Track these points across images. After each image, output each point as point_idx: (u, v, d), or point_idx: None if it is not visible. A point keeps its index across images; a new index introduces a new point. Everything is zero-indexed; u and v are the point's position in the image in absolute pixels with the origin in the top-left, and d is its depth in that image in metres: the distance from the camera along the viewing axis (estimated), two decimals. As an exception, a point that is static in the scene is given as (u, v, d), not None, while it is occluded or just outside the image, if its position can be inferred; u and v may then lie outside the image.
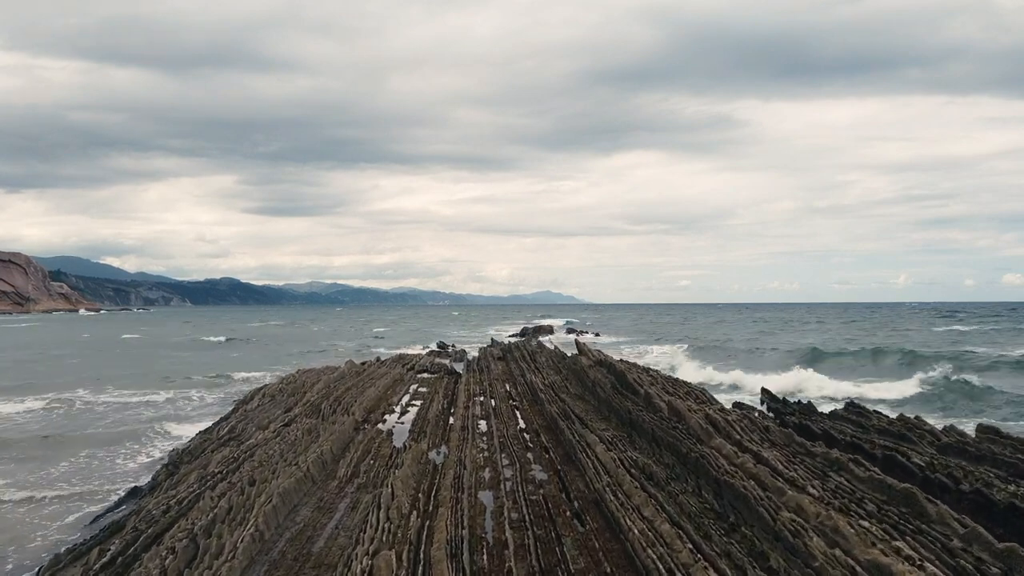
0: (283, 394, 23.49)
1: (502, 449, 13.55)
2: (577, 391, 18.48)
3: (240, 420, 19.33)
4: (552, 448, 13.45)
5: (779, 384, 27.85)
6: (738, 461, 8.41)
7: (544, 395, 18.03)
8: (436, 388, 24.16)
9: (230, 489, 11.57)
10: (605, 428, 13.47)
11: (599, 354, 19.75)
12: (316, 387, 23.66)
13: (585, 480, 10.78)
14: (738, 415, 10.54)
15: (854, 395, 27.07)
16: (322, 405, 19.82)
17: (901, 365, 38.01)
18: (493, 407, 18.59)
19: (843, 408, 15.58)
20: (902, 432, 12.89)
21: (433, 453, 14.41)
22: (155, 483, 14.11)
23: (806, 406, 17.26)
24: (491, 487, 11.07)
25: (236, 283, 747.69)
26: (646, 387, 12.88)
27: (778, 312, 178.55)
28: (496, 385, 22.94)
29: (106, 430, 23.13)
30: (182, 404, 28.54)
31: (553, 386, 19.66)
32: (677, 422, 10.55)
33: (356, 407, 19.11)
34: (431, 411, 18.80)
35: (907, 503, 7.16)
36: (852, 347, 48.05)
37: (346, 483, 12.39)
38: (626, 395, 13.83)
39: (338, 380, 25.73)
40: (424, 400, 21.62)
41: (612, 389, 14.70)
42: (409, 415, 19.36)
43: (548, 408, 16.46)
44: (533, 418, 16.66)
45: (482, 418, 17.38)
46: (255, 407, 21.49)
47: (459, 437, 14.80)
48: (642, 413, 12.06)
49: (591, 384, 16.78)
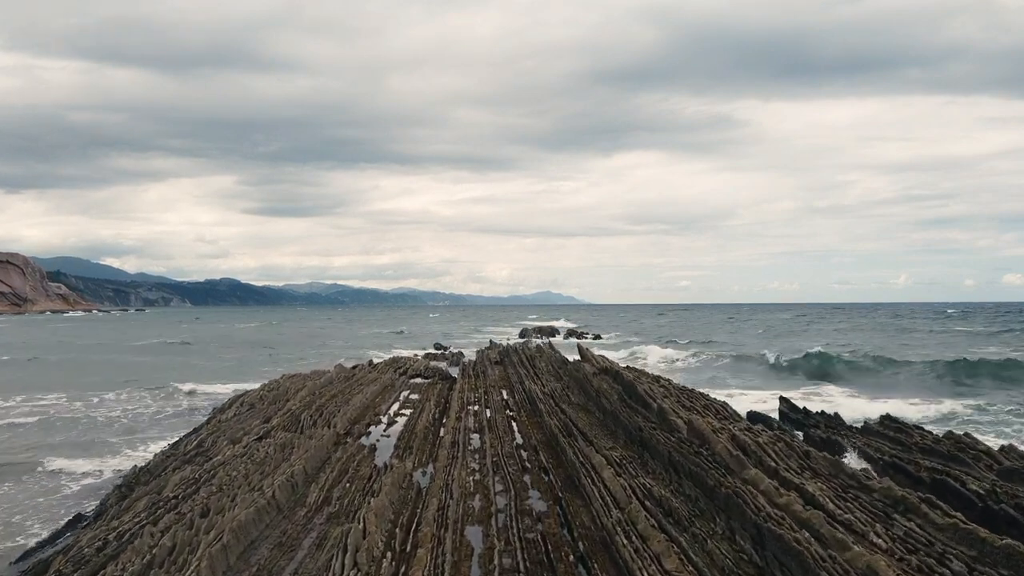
0: (263, 402, 21.88)
1: (495, 470, 11.95)
2: (580, 401, 16.89)
3: (212, 432, 17.73)
4: (552, 470, 11.86)
5: (795, 392, 26.14)
6: (781, 501, 6.83)
7: (543, 405, 16.44)
8: (428, 395, 22.58)
9: (178, 521, 9.98)
10: (612, 447, 11.87)
11: (603, 360, 18.17)
12: (300, 394, 22.06)
13: (591, 512, 9.18)
14: (770, 436, 8.98)
15: (882, 410, 24.73)
16: (302, 415, 18.24)
17: (935, 376, 33.76)
18: (487, 418, 17.00)
19: (877, 422, 13.97)
20: (952, 452, 11.28)
21: (419, 473, 12.83)
22: (102, 509, 12.52)
23: (832, 418, 15.64)
24: (481, 520, 9.47)
25: (236, 284, 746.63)
26: (659, 400, 11.30)
27: (779, 312, 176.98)
28: (492, 392, 21.35)
29: (56, 441, 21.22)
30: (148, 414, 26.59)
31: (553, 395, 18.07)
32: (700, 446, 8.97)
33: (339, 418, 17.52)
34: (420, 422, 17.21)
35: (1010, 563, 5.57)
36: (875, 351, 44.81)
37: (316, 511, 10.80)
38: (636, 408, 12.25)
39: (325, 386, 24.15)
40: (414, 409, 20.03)
41: (619, 401, 13.12)
42: (397, 426, 17.77)
43: (548, 421, 14.87)
44: (531, 432, 15.07)
45: (475, 431, 15.79)
46: (231, 417, 19.89)
47: (448, 455, 13.21)
48: (656, 432, 10.47)
49: (595, 394, 15.19)
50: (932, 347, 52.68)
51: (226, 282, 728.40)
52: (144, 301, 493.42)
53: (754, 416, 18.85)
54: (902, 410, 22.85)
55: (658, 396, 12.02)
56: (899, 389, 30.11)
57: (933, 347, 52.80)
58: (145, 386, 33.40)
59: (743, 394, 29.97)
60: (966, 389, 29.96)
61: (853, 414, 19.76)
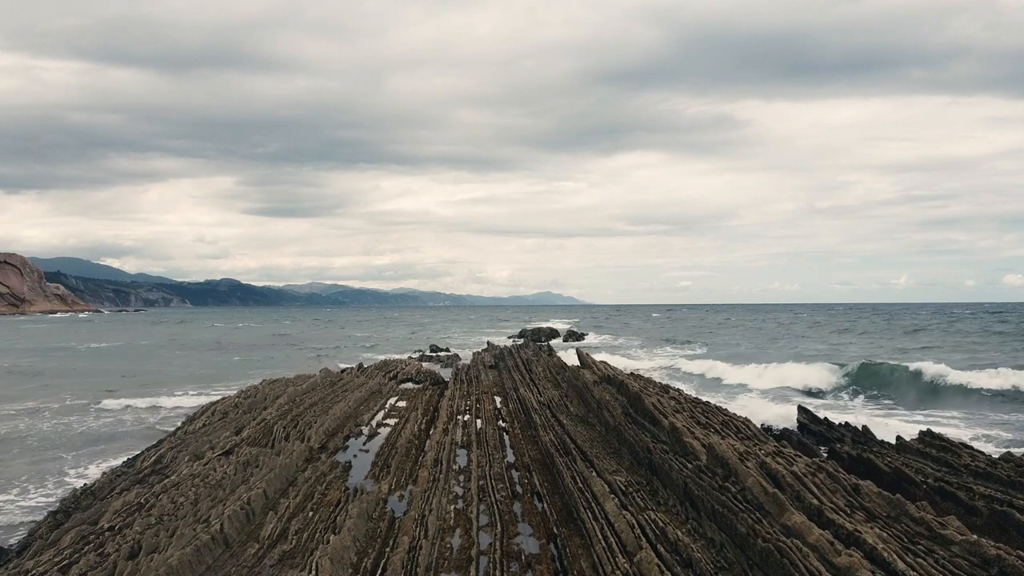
0: (238, 410, 20.30)
1: (481, 497, 10.35)
2: (579, 412, 15.29)
3: (174, 446, 16.14)
4: (547, 496, 10.26)
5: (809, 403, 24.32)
6: (842, 563, 5.24)
7: (539, 417, 14.85)
8: (416, 403, 20.98)
9: (99, 565, 8.38)
10: (616, 470, 10.26)
11: (605, 368, 16.56)
12: (278, 402, 20.49)
13: (591, 558, 7.58)
14: (808, 465, 7.37)
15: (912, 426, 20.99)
16: (275, 426, 16.66)
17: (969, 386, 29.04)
18: (477, 431, 15.41)
19: (917, 439, 12.34)
20: (1012, 478, 9.66)
21: (395, 498, 11.24)
22: (28, 542, 10.91)
23: (862, 432, 14.01)
24: (459, 566, 7.87)
25: (236, 284, 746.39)
26: (670, 416, 9.72)
27: (782, 313, 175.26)
28: (484, 400, 19.75)
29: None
30: (112, 423, 24.57)
31: (550, 404, 16.47)
32: (725, 477, 7.38)
33: (315, 430, 15.93)
34: (403, 435, 15.60)
35: None
36: (904, 357, 41.37)
37: (269, 549, 9.20)
38: (643, 425, 10.66)
39: (306, 393, 22.56)
40: (400, 419, 18.44)
41: (624, 415, 11.53)
42: (379, 439, 16.18)
43: (543, 435, 13.27)
44: (525, 448, 13.47)
45: (463, 446, 14.20)
46: (199, 428, 18.30)
47: (430, 476, 11.61)
48: (668, 456, 8.87)
49: (596, 405, 13.59)
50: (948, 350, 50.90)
51: (226, 283, 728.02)
52: (144, 302, 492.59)
53: (771, 429, 17.25)
54: (934, 425, 20.48)
55: (669, 411, 10.42)
56: (935, 401, 26.71)
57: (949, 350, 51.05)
58: (80, 396, 30.95)
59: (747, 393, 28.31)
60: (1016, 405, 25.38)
61: (880, 430, 18.04)
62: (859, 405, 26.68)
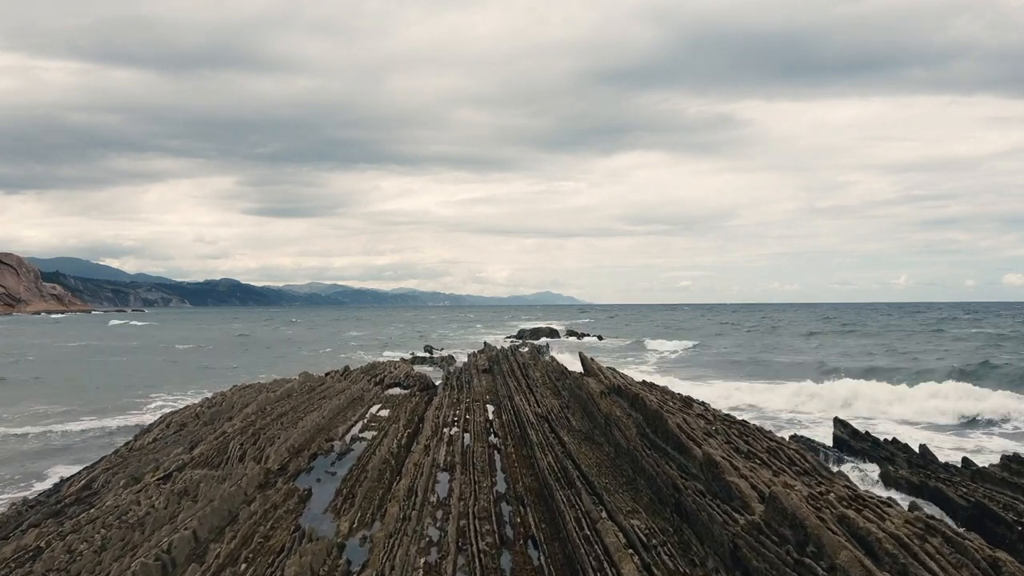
0: (198, 421, 18.09)
1: (461, 546, 8.14)
2: (583, 427, 13.07)
3: (114, 465, 13.94)
4: (545, 543, 8.06)
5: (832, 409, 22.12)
6: None
7: (536, 433, 12.65)
8: (399, 412, 18.76)
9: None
10: (632, 510, 8.05)
11: (613, 376, 14.32)
12: (245, 411, 18.26)
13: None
14: (910, 523, 5.20)
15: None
16: (232, 442, 14.45)
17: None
18: (464, 449, 13.21)
19: (1000, 465, 10.11)
20: None
21: (356, 541, 9.04)
22: None
23: (920, 453, 11.78)
24: (420, 663, 5.65)
25: (236, 284, 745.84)
26: (704, 445, 7.53)
27: (784, 312, 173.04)
28: (475, 410, 17.53)
29: None
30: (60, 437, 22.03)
31: (549, 416, 14.27)
32: (800, 544, 5.19)
33: (278, 446, 13.74)
34: (378, 454, 13.39)
35: None
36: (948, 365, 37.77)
37: (178, 620, 7.00)
38: (665, 450, 8.46)
39: (279, 400, 20.33)
40: (379, 432, 16.24)
41: (640, 436, 9.32)
42: (350, 458, 13.97)
43: (541, 458, 11.06)
44: (519, 472, 11.27)
45: (445, 468, 11.99)
46: (149, 443, 16.09)
47: (400, 512, 9.40)
48: (705, 500, 6.68)
49: (604, 421, 11.38)
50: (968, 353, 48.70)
51: (226, 282, 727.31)
52: (143, 302, 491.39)
53: (800, 441, 15.02)
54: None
55: (699, 435, 8.21)
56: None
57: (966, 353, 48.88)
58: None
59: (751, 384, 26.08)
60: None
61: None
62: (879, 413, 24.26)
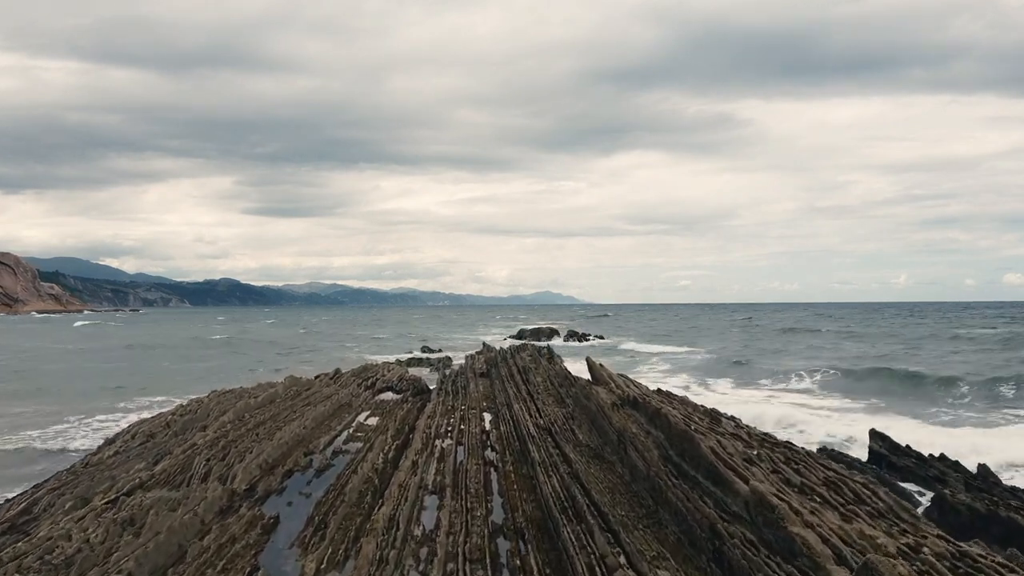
0: (168, 431, 16.58)
1: (446, 599, 6.61)
2: (591, 442, 11.55)
3: (63, 484, 12.43)
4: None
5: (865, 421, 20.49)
6: None
7: (538, 449, 11.14)
8: (389, 421, 17.23)
9: None
10: (658, 554, 6.53)
11: (626, 384, 12.77)
12: (221, 420, 16.79)
13: None
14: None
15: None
16: (197, 458, 12.93)
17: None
18: (456, 466, 11.70)
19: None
20: None
21: (322, 586, 7.53)
22: None
23: (979, 474, 10.24)
24: None
25: (235, 284, 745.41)
26: (749, 477, 6.02)
27: (785, 312, 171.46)
28: (471, 419, 16.01)
29: None
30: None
31: (552, 428, 12.75)
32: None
33: (247, 463, 12.23)
34: (360, 471, 11.87)
35: None
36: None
37: None
38: (696, 479, 6.93)
39: (260, 407, 18.82)
40: (364, 444, 14.73)
41: (663, 461, 7.80)
42: (328, 475, 12.47)
43: (543, 481, 9.54)
44: (518, 497, 9.75)
45: (434, 491, 10.48)
46: (109, 456, 14.58)
47: (377, 550, 7.89)
48: (757, 555, 5.17)
49: (616, 438, 9.87)
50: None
51: (225, 282, 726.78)
52: (143, 302, 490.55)
53: (831, 453, 13.49)
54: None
55: (738, 461, 6.66)
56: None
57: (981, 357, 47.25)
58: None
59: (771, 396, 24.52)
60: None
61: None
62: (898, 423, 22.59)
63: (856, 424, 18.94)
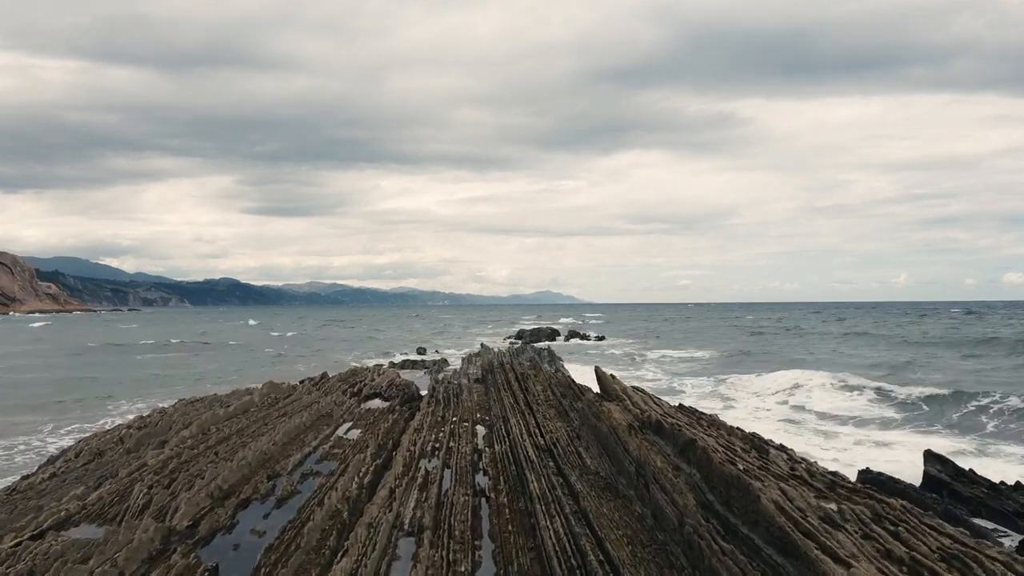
0: (120, 447, 14.70)
1: None
2: (600, 467, 9.65)
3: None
4: None
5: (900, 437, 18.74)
6: None
7: (537, 479, 9.26)
8: (370, 436, 15.33)
9: None
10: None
11: (645, 402, 10.80)
12: (183, 434, 14.93)
13: None
14: None
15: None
16: (138, 485, 11.05)
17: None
18: (440, 498, 9.82)
19: None
20: None
21: None
22: None
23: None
24: None
25: (235, 283, 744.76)
26: (840, 551, 4.20)
27: (785, 312, 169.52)
28: (462, 435, 14.13)
29: None
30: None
31: (554, 449, 10.87)
32: None
33: (195, 491, 10.37)
34: (327, 503, 9.99)
35: None
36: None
37: None
38: (755, 545, 5.07)
39: (231, 418, 16.95)
40: (338, 464, 12.86)
41: (701, 508, 5.92)
42: (290, 506, 10.60)
43: (544, 524, 7.66)
44: (513, 546, 7.85)
45: (411, 531, 8.60)
46: (46, 478, 12.71)
47: (326, 625, 5.99)
48: None
49: (634, 470, 7.99)
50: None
51: (225, 282, 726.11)
52: (142, 301, 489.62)
53: (877, 478, 11.60)
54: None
55: (814, 522, 4.79)
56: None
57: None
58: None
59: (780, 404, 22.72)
60: None
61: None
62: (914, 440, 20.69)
63: (892, 440, 17.08)
